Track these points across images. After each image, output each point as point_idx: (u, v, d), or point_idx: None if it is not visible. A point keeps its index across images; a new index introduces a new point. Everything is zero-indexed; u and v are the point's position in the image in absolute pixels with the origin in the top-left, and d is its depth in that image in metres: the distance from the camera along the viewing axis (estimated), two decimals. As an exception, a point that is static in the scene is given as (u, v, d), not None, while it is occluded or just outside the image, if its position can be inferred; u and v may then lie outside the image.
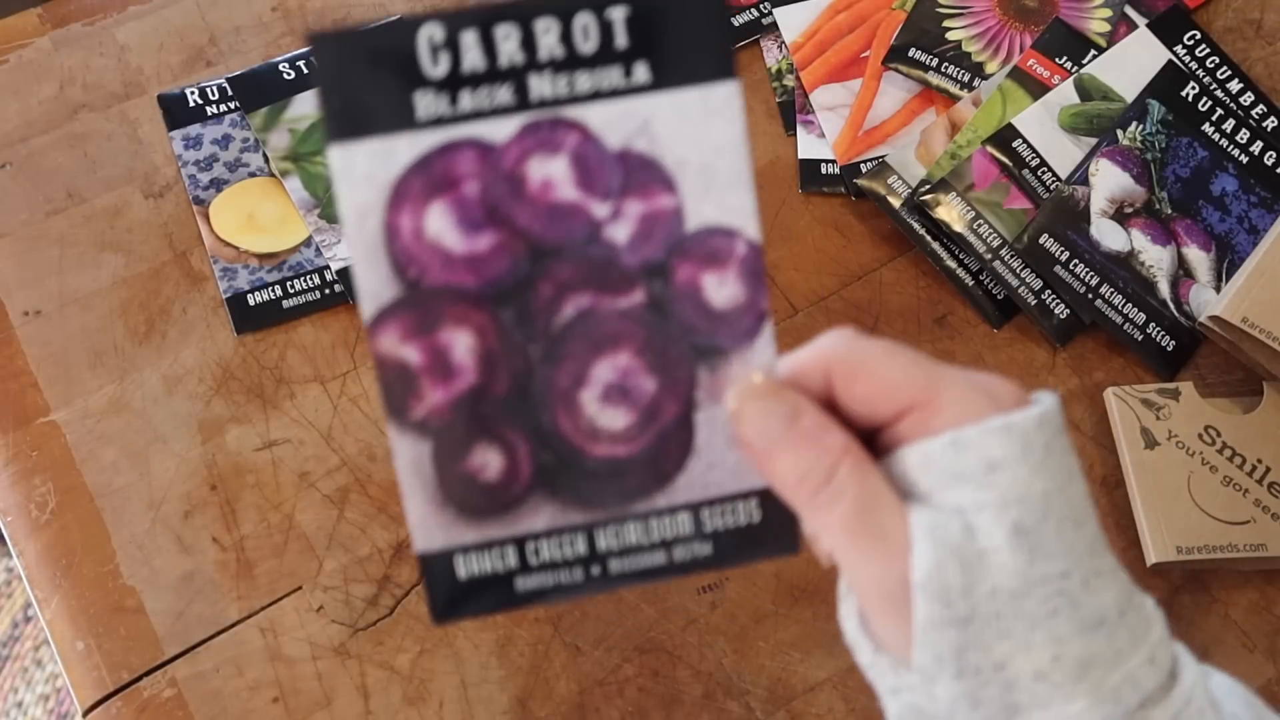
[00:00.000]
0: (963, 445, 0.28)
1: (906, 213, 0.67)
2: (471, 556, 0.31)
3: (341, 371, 0.62)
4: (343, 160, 0.29)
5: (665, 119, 0.30)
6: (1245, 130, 0.69)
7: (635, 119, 0.30)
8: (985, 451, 0.28)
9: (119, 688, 0.53)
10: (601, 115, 0.30)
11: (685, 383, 0.31)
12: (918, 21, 0.74)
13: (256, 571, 0.56)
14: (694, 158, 0.30)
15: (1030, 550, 0.27)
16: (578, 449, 0.31)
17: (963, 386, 0.29)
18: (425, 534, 0.31)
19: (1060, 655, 0.27)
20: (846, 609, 0.31)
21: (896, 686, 0.29)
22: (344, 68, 0.29)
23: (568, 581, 0.32)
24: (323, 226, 0.66)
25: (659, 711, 0.54)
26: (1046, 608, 0.27)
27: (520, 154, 0.30)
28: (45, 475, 0.58)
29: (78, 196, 0.67)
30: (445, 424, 0.30)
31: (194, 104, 0.70)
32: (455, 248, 0.30)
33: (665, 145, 0.30)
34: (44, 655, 1.25)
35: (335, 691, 0.54)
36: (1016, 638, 0.27)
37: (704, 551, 0.32)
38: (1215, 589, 0.59)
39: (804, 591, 0.57)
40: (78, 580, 0.56)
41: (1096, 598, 0.28)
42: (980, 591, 0.27)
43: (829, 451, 0.29)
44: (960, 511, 0.28)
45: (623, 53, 0.29)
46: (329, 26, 0.28)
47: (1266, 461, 0.60)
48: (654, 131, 0.30)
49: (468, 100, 0.29)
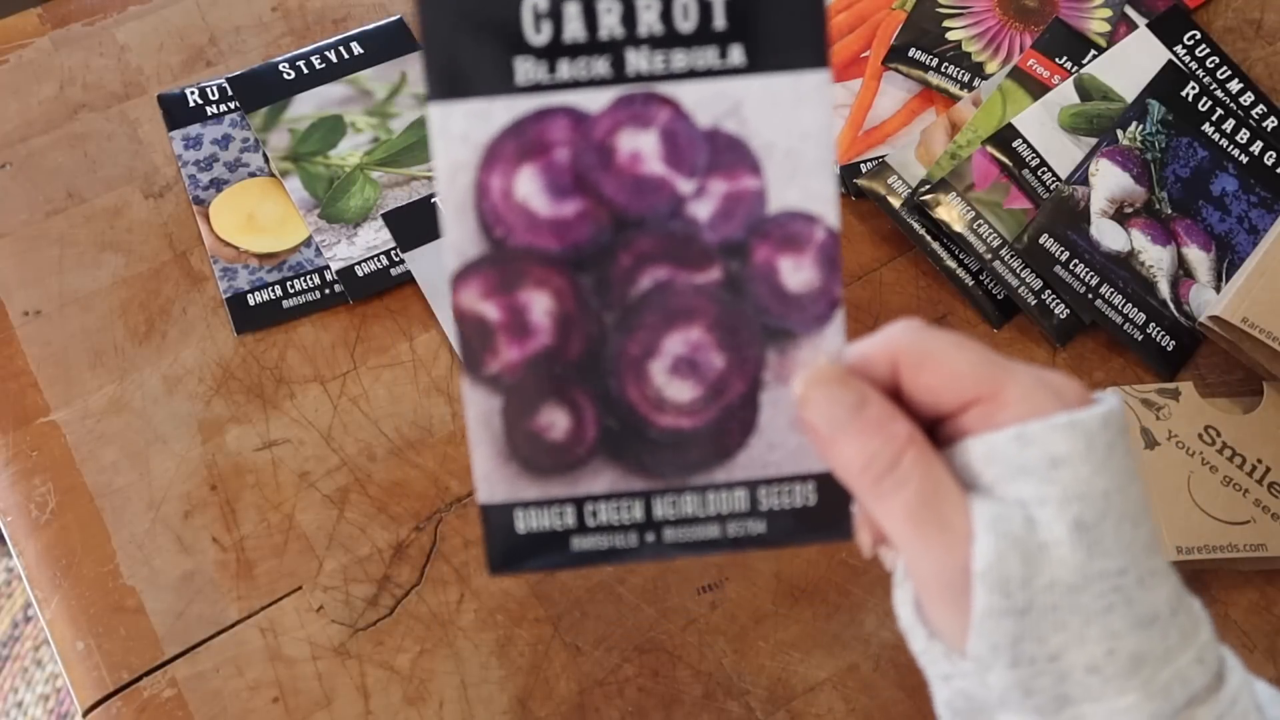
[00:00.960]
0: (1028, 440, 0.28)
1: (906, 213, 0.67)
2: (531, 512, 0.32)
3: (341, 371, 0.62)
4: (441, 118, 0.30)
5: (756, 102, 0.30)
6: (1245, 130, 0.69)
7: (727, 100, 0.30)
8: (1050, 447, 0.28)
9: (119, 688, 0.53)
10: (694, 94, 0.30)
11: (754, 362, 0.32)
12: (918, 21, 0.74)
13: (256, 571, 0.56)
14: (781, 142, 0.31)
15: (1090, 546, 0.28)
16: (643, 417, 0.32)
17: (1029, 382, 0.29)
18: (489, 486, 0.32)
19: (1114, 650, 0.28)
20: (902, 595, 0.32)
21: (949, 673, 0.30)
22: (449, 29, 0.29)
23: (623, 545, 0.33)
24: (323, 226, 0.66)
25: (659, 711, 0.54)
26: (1103, 603, 0.28)
27: (612, 125, 0.30)
28: (45, 475, 0.58)
29: (78, 196, 0.67)
30: (517, 381, 0.31)
31: (194, 104, 0.70)
32: (542, 211, 0.30)
33: (754, 128, 0.30)
34: (44, 655, 1.25)
35: (335, 691, 0.54)
36: (1072, 630, 0.28)
37: (758, 529, 0.33)
38: (1215, 589, 0.59)
39: (804, 591, 0.57)
40: (78, 580, 0.56)
41: (1150, 595, 0.29)
42: (1039, 583, 0.28)
43: (894, 439, 0.29)
44: (1023, 504, 0.28)
45: (720, 34, 0.30)
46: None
47: (1266, 461, 0.60)
48: (744, 114, 0.30)
49: (565, 69, 0.30)
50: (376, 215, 0.66)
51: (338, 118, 0.70)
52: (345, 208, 0.67)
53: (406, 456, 0.59)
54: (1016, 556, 0.28)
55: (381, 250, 0.65)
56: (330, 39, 0.73)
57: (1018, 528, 0.28)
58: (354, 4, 0.75)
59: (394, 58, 0.73)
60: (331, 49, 0.73)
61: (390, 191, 0.67)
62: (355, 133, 0.69)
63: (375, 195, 0.67)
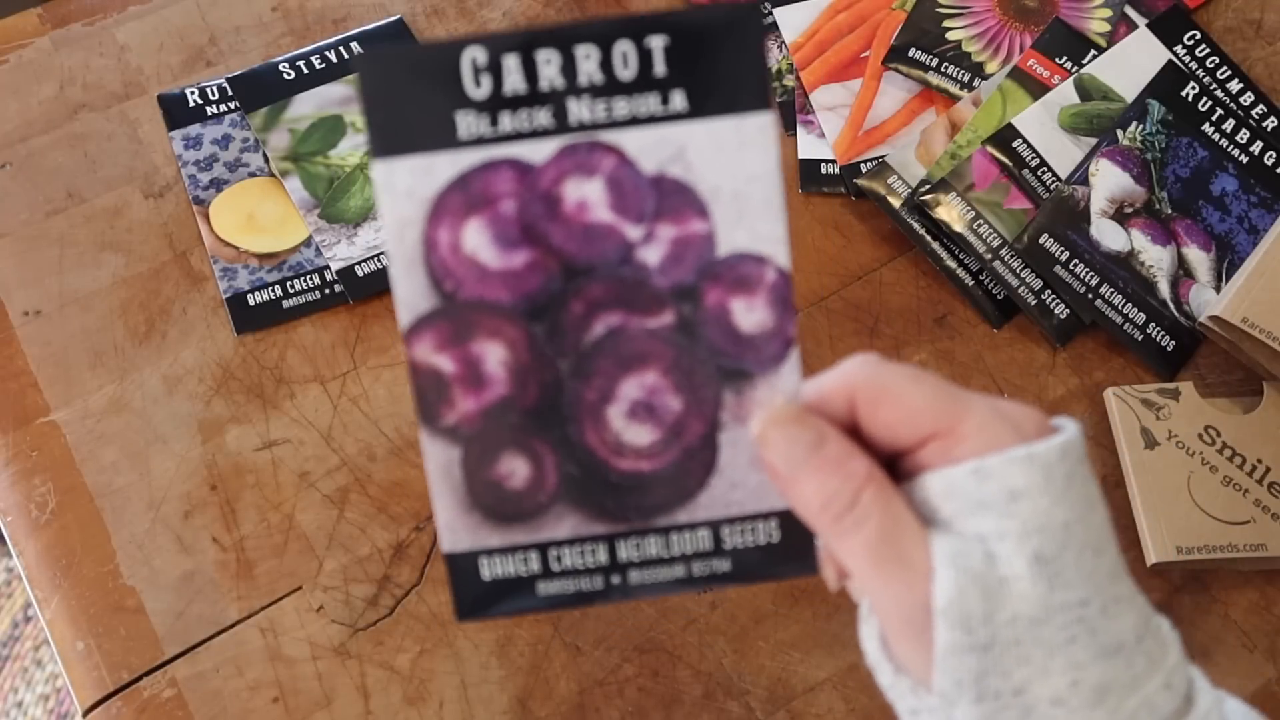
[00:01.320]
0: (985, 474, 0.28)
1: (906, 213, 0.67)
2: (496, 559, 0.32)
3: (341, 371, 0.62)
4: (385, 175, 0.30)
5: (700, 147, 0.30)
6: (1245, 130, 0.69)
7: (671, 145, 0.30)
8: (1007, 481, 0.28)
9: (119, 688, 0.53)
10: (638, 140, 0.30)
11: (711, 403, 0.32)
12: (918, 21, 0.74)
13: (256, 571, 0.56)
14: (727, 185, 0.31)
15: (1050, 579, 0.28)
16: (603, 462, 0.32)
17: (986, 414, 0.29)
18: (452, 535, 0.32)
19: (1078, 681, 0.28)
20: (868, 630, 0.31)
21: (916, 708, 0.30)
22: (388, 87, 0.29)
23: (588, 589, 0.33)
24: (323, 226, 0.66)
25: (659, 711, 0.54)
26: (1065, 634, 0.28)
27: (557, 175, 0.30)
28: (45, 475, 0.58)
29: (78, 196, 0.67)
30: (475, 431, 0.31)
31: (194, 104, 0.70)
32: (491, 263, 0.31)
33: (699, 172, 0.31)
34: (44, 655, 1.25)
35: (335, 691, 0.54)
36: (1035, 664, 0.28)
37: (723, 568, 0.33)
38: (1215, 589, 0.59)
39: (804, 591, 0.57)
40: (78, 580, 0.56)
41: (1115, 624, 0.28)
42: (1000, 618, 0.28)
43: (853, 477, 0.29)
44: (982, 539, 0.28)
45: (661, 80, 0.30)
46: (376, 47, 0.29)
47: (1266, 461, 0.60)
48: (689, 158, 0.31)
49: (508, 121, 0.30)
50: (376, 215, 0.66)
51: (338, 118, 0.70)
52: (345, 208, 0.67)
53: (406, 456, 0.59)
54: (977, 592, 0.27)
55: (381, 250, 0.65)
56: (330, 39, 0.73)
57: (977, 563, 0.28)
58: (354, 4, 0.75)
59: (394, 58, 0.73)
60: (331, 49, 0.73)
61: (390, 191, 0.67)
62: (355, 133, 0.69)
63: (375, 195, 0.67)
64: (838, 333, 0.65)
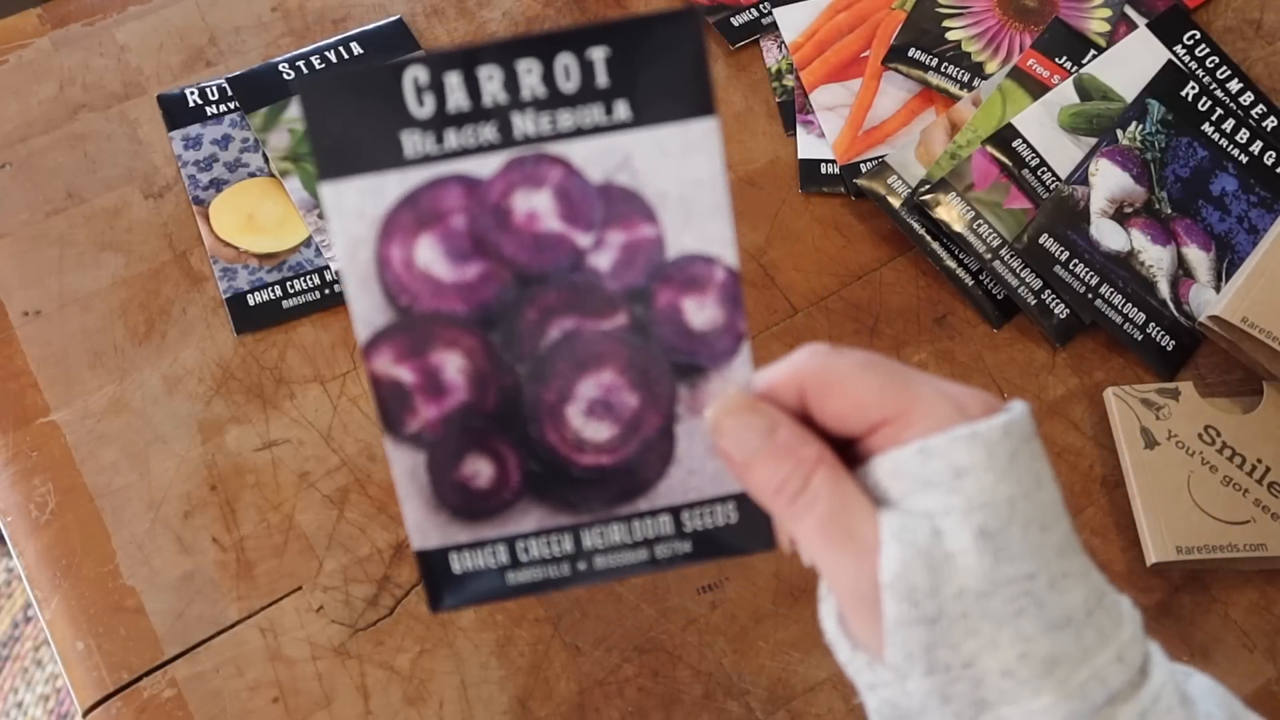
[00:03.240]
0: (930, 453, 0.29)
1: (906, 213, 0.67)
2: (465, 554, 0.33)
3: (341, 371, 0.62)
4: (334, 197, 0.30)
5: (645, 154, 0.31)
6: (1245, 130, 0.69)
7: (616, 154, 0.31)
8: (951, 458, 0.29)
9: (119, 688, 0.53)
10: (584, 151, 0.31)
11: (666, 398, 0.33)
12: (918, 21, 0.74)
13: (256, 571, 0.56)
14: (674, 190, 0.31)
15: (996, 553, 0.28)
16: (564, 459, 0.33)
17: (933, 397, 0.30)
18: (421, 535, 0.33)
19: (1027, 653, 0.28)
20: (826, 609, 0.33)
21: (873, 682, 0.30)
22: (331, 110, 0.30)
23: (556, 575, 0.34)
24: (322, 226, 0.66)
25: (659, 711, 0.54)
26: (1012, 607, 0.28)
27: (505, 188, 0.31)
28: (45, 475, 0.58)
29: (78, 196, 0.67)
30: (438, 437, 0.32)
31: (194, 104, 0.70)
32: (444, 276, 0.31)
33: (646, 179, 0.31)
34: (44, 655, 1.25)
35: (335, 691, 0.54)
36: (984, 636, 0.28)
37: (684, 549, 0.34)
38: (1215, 589, 0.59)
39: (804, 591, 0.57)
40: (78, 580, 0.56)
41: (1064, 598, 0.29)
42: (947, 592, 0.28)
43: (804, 462, 0.30)
44: (929, 516, 0.29)
45: (603, 91, 0.30)
46: (316, 72, 0.29)
47: (1266, 461, 0.60)
48: (635, 166, 0.31)
49: (453, 138, 0.30)
50: (376, 215, 0.66)
51: (338, 118, 0.70)
52: (345, 208, 0.67)
53: (406, 456, 0.59)
54: (922, 566, 0.28)
55: (381, 250, 0.65)
56: (330, 39, 0.73)
57: (923, 538, 0.28)
58: (354, 4, 0.75)
59: (394, 58, 0.73)
60: (331, 49, 0.73)
61: (390, 191, 0.67)
62: (355, 133, 0.69)
63: (375, 195, 0.67)
64: (837, 333, 0.65)
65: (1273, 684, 0.57)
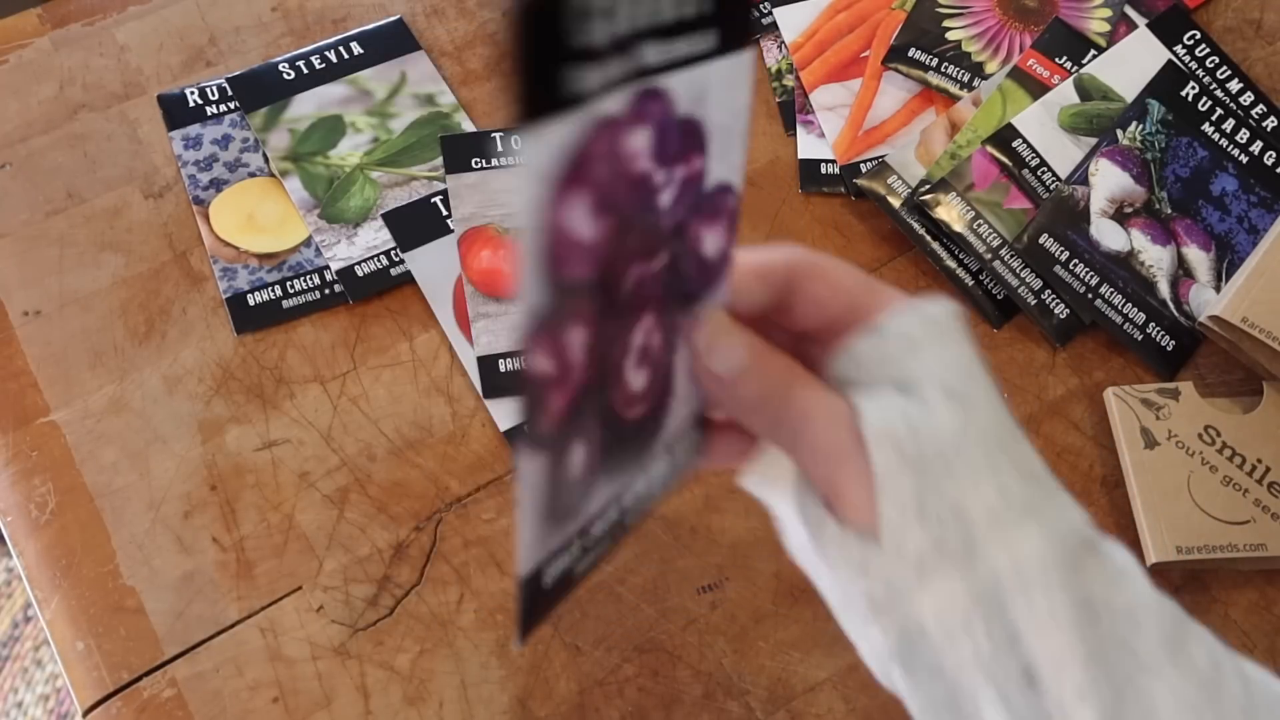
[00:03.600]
0: (885, 332, 0.32)
1: (906, 213, 0.67)
2: (554, 561, 0.30)
3: (341, 371, 0.62)
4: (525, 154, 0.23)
5: (716, 85, 0.29)
6: (1245, 130, 0.69)
7: (699, 86, 0.29)
8: (906, 331, 0.31)
9: (119, 688, 0.53)
10: (680, 83, 0.28)
11: (680, 331, 0.32)
12: (918, 21, 0.74)
13: (256, 571, 0.56)
14: (721, 121, 0.30)
15: (964, 408, 0.30)
16: (618, 417, 0.30)
17: (896, 294, 0.33)
18: (530, 553, 0.28)
19: (1006, 493, 0.30)
20: (796, 535, 0.33)
21: (865, 559, 0.30)
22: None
23: (602, 550, 0.32)
24: (322, 226, 0.66)
25: (659, 711, 0.54)
26: (986, 458, 0.30)
27: (626, 127, 0.26)
28: (45, 475, 0.58)
29: (78, 196, 0.67)
30: (557, 431, 0.27)
31: (194, 104, 0.70)
32: (585, 237, 0.25)
33: (707, 110, 0.29)
34: (44, 655, 1.25)
35: (335, 691, 0.54)
36: (964, 480, 0.30)
37: (669, 480, 0.34)
38: (1215, 589, 0.59)
39: (804, 591, 0.57)
40: (78, 580, 0.56)
41: (1027, 452, 0.31)
42: (926, 443, 0.30)
43: (783, 369, 0.32)
44: (895, 384, 0.31)
45: (705, 19, 0.28)
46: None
47: (1266, 461, 0.60)
48: (707, 98, 0.29)
49: (596, 74, 0.24)
50: (376, 215, 0.66)
51: (338, 118, 0.70)
52: (345, 208, 0.67)
53: (406, 456, 0.59)
54: (900, 420, 0.30)
55: (381, 250, 0.65)
56: (330, 39, 0.73)
57: (896, 399, 0.31)
58: (354, 4, 0.75)
59: (394, 58, 0.73)
60: (331, 49, 0.73)
61: (390, 191, 0.67)
62: (355, 133, 0.69)
63: (375, 195, 0.67)
64: (838, 333, 0.65)
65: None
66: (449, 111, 0.70)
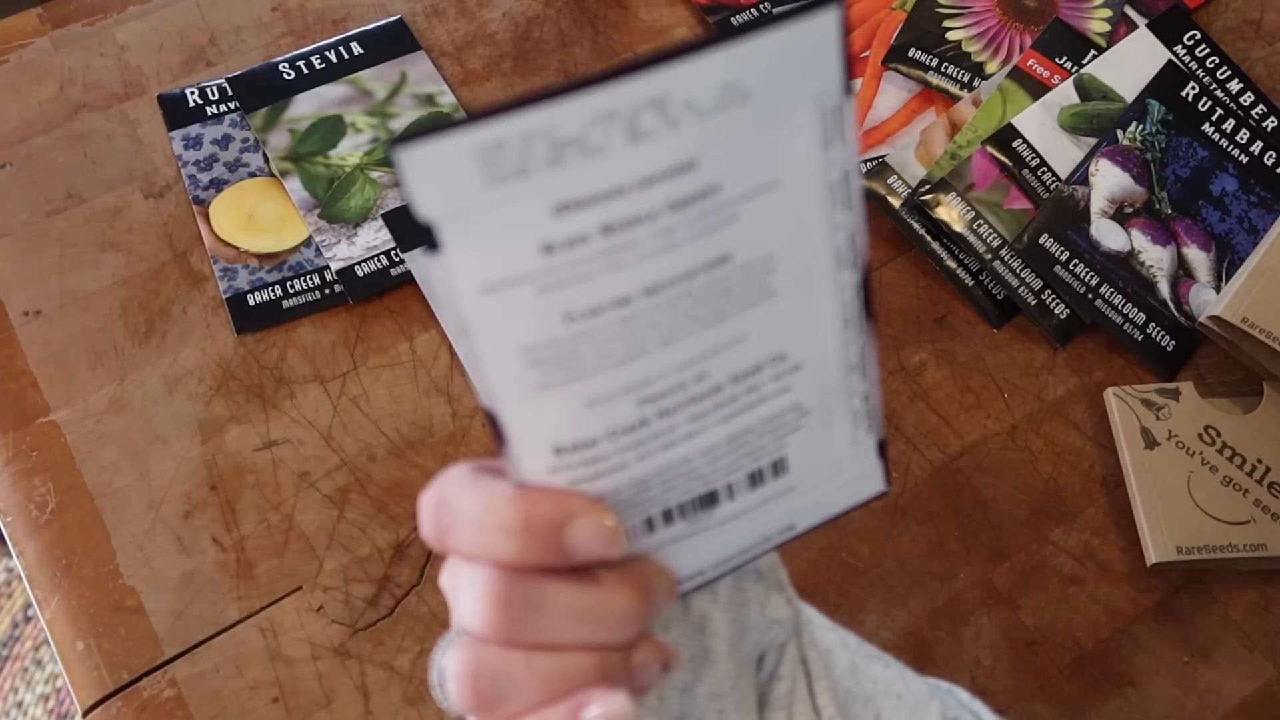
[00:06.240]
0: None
1: (906, 213, 0.67)
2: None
3: (341, 371, 0.62)
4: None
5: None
6: (1245, 130, 0.69)
7: None
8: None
9: (119, 688, 0.53)
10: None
11: None
12: (918, 21, 0.74)
13: (256, 571, 0.56)
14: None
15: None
16: None
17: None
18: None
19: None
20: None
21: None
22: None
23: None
24: (323, 226, 0.66)
25: (659, 711, 0.54)
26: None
27: None
28: (45, 475, 0.58)
29: (78, 196, 0.67)
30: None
31: (194, 104, 0.70)
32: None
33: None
34: (44, 655, 1.25)
35: (335, 691, 0.54)
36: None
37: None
38: (1215, 589, 0.59)
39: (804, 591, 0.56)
40: (78, 580, 0.56)
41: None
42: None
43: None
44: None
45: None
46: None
47: (1266, 461, 0.60)
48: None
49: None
50: (376, 215, 0.66)
51: (338, 118, 0.70)
52: (345, 208, 0.67)
53: (406, 456, 0.59)
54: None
55: (381, 250, 0.65)
56: (330, 39, 0.73)
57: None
58: (354, 4, 0.75)
59: (394, 58, 0.73)
60: (331, 49, 0.73)
61: (390, 191, 0.67)
62: (355, 133, 0.69)
63: (375, 195, 0.67)
64: (838, 333, 0.65)
65: (1273, 684, 0.57)
66: (449, 112, 0.70)
